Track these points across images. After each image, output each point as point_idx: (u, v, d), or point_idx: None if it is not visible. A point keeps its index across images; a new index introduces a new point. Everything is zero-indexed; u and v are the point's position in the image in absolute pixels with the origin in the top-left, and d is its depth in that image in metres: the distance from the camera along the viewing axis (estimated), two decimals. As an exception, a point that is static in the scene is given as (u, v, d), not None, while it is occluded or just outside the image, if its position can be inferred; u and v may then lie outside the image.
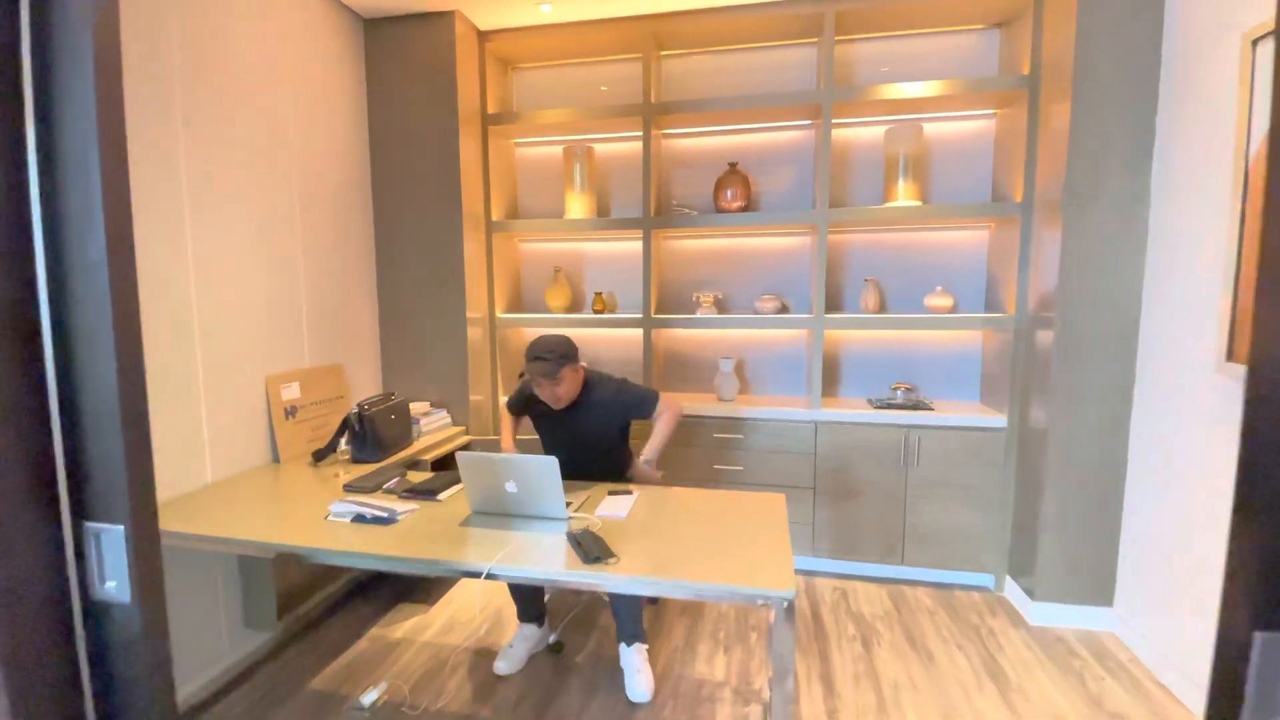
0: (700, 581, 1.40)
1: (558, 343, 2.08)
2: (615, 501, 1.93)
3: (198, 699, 2.09)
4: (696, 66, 3.16)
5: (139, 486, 1.00)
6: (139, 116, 1.86)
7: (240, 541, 1.69)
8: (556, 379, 2.06)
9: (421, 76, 2.88)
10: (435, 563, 1.54)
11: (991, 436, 2.74)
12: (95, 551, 0.96)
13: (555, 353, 2.04)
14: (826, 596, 2.78)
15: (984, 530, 2.79)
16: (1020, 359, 2.69)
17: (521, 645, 2.24)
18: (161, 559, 1.04)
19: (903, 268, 3.07)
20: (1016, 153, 2.68)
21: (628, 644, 2.15)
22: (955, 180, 2.98)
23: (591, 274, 3.42)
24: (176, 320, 2.00)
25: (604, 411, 2.18)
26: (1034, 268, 2.61)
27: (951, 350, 3.07)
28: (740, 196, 3.00)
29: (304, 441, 2.52)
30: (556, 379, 2.06)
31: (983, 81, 2.63)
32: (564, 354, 2.07)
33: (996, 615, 2.63)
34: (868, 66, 2.99)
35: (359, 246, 2.93)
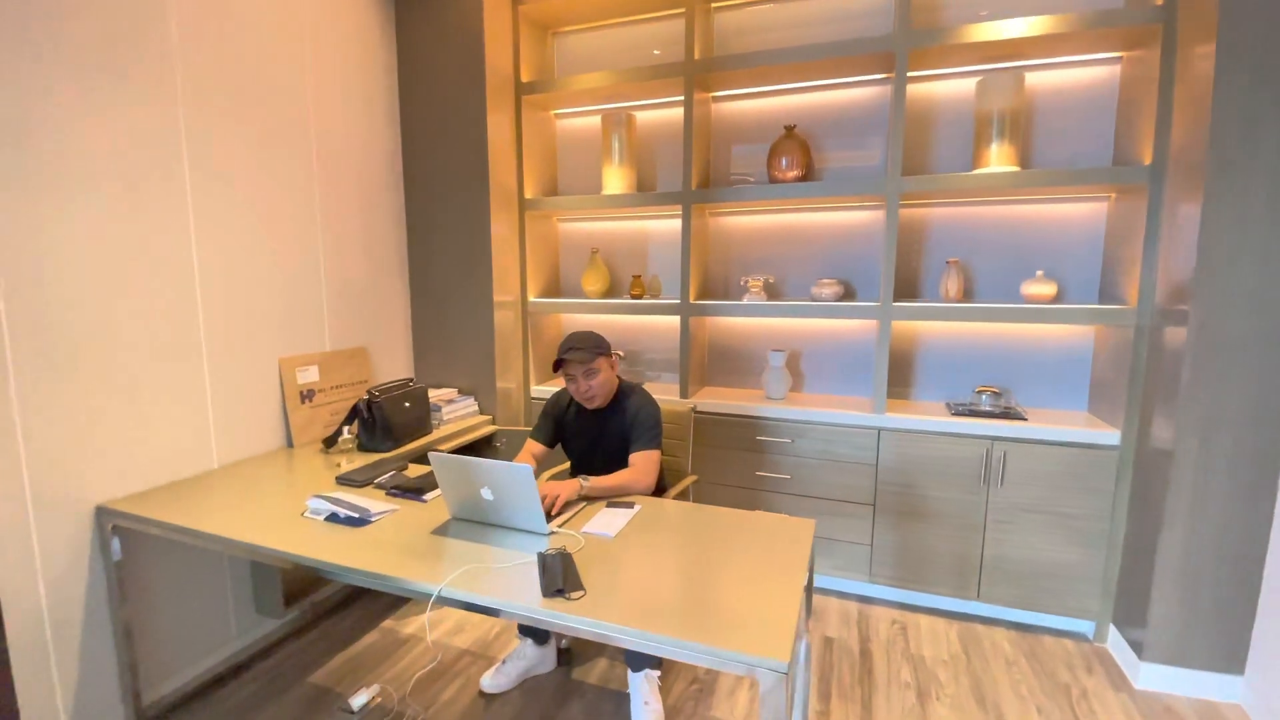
0: (672, 636, 1.13)
1: (589, 335, 2.00)
2: (611, 516, 1.67)
3: (198, 684, 2.07)
4: (751, 20, 2.78)
5: None
6: (129, 83, 1.78)
7: (204, 535, 1.59)
8: (593, 370, 1.95)
9: (451, 44, 2.71)
10: (384, 578, 1.36)
11: (1100, 456, 2.24)
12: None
13: (589, 343, 1.96)
14: (881, 630, 2.40)
15: (1083, 568, 2.30)
16: (1142, 363, 2.17)
17: (515, 665, 2.05)
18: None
19: (994, 248, 2.58)
20: (1147, 105, 2.13)
21: (635, 669, 1.91)
22: (1065, 141, 2.44)
23: (632, 255, 3.15)
24: (176, 299, 1.94)
25: (630, 420, 2.00)
26: (1164, 248, 2.07)
27: (1053, 349, 2.55)
28: (797, 165, 2.62)
29: (320, 427, 2.45)
30: (593, 370, 1.95)
31: (1105, 15, 2.10)
32: (598, 345, 1.97)
33: (1093, 672, 2.15)
34: (958, 7, 2.50)
35: (388, 225, 2.82)
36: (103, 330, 1.75)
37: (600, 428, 2.05)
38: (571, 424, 2.12)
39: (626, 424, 1.99)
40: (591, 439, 2.07)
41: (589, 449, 2.08)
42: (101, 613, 1.78)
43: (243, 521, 1.65)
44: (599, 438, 2.05)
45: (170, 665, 2.00)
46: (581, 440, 2.10)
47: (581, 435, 2.09)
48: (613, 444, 2.02)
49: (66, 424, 1.67)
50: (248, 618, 2.25)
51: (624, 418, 2.00)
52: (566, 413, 2.13)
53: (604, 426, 2.04)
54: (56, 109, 1.62)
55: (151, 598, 1.93)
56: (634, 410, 1.99)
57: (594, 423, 2.06)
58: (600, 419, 2.05)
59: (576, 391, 1.99)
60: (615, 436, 2.02)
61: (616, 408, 2.04)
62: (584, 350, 1.93)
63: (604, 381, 1.97)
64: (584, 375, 1.95)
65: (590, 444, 2.07)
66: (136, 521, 1.69)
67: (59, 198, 1.63)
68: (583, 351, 1.93)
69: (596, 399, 1.99)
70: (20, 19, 1.53)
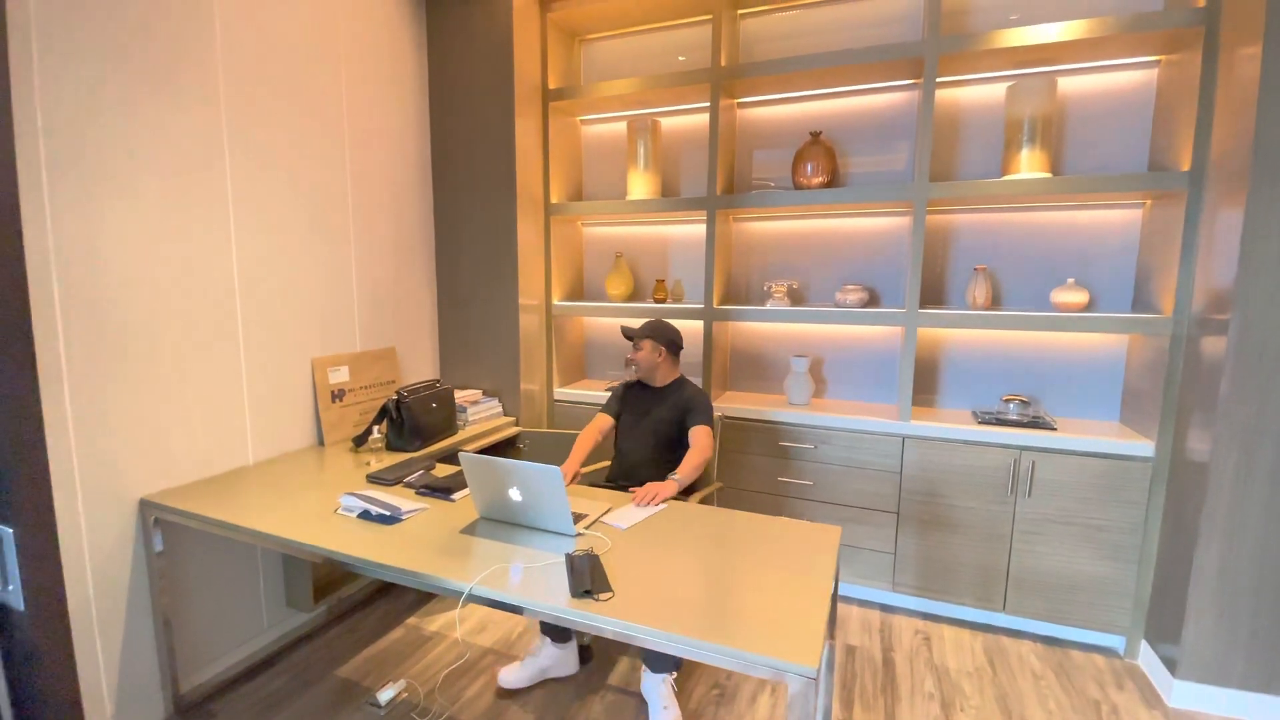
0: (700, 639, 1.14)
1: (655, 322, 2.34)
2: (632, 511, 1.69)
3: (230, 675, 2.12)
4: (778, 26, 2.79)
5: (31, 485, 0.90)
6: (177, 96, 1.85)
7: (241, 529, 1.64)
8: (638, 346, 2.31)
9: (480, 51, 2.76)
10: (416, 575, 1.39)
11: (1132, 468, 2.20)
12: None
13: (647, 328, 2.32)
14: (905, 640, 2.38)
15: (1114, 582, 2.25)
16: (1178, 373, 2.13)
17: (533, 663, 2.07)
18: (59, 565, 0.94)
19: (1024, 255, 2.55)
20: (1186, 110, 2.09)
21: (653, 671, 1.92)
22: (1099, 147, 2.40)
23: (656, 260, 3.17)
24: (218, 302, 2.01)
25: (675, 405, 2.30)
26: (1203, 256, 2.03)
27: (1085, 358, 2.51)
28: (823, 171, 2.61)
29: (350, 425, 2.50)
30: (638, 346, 2.31)
31: (1142, 19, 2.07)
32: (651, 331, 2.31)
33: (1124, 689, 2.11)
34: (988, 12, 2.48)
35: (417, 228, 2.87)
36: (147, 329, 1.81)
37: (650, 405, 2.35)
38: (630, 398, 2.41)
39: (681, 408, 2.28)
40: (641, 412, 2.35)
41: (636, 421, 2.35)
42: (143, 602, 1.84)
43: (279, 517, 1.70)
44: (648, 412, 2.34)
45: (206, 655, 2.06)
46: (634, 413, 2.37)
47: (635, 408, 2.38)
48: (659, 421, 2.31)
49: (113, 419, 1.74)
50: (278, 611, 2.30)
51: (677, 402, 2.30)
52: (630, 389, 2.43)
53: (654, 404, 2.34)
54: (108, 111, 1.69)
55: (188, 589, 1.99)
56: (689, 396, 2.31)
57: (647, 400, 2.36)
58: (652, 398, 2.35)
59: (631, 359, 2.35)
60: (663, 415, 2.30)
61: (670, 393, 2.33)
62: (638, 330, 2.33)
63: (643, 359, 2.30)
64: (633, 349, 2.33)
65: (639, 416, 2.35)
66: (178, 515, 1.75)
67: (109, 199, 1.70)
68: (636, 330, 2.34)
69: (639, 371, 2.34)
70: (74, 25, 1.60)
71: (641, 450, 2.31)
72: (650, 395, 2.37)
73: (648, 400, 2.37)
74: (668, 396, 2.33)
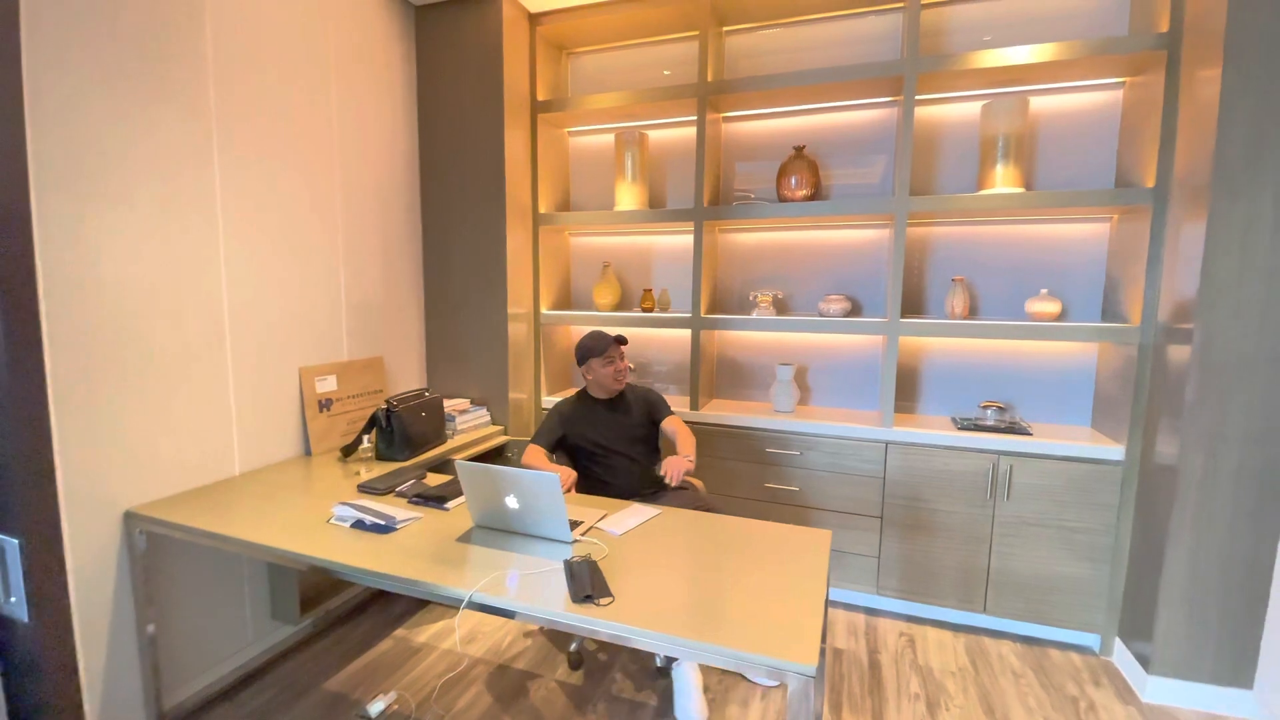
0: (704, 641, 1.16)
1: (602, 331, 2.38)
2: (625, 516, 1.72)
3: (216, 689, 2.09)
4: (762, 43, 2.86)
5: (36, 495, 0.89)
6: (165, 105, 1.84)
7: (233, 540, 1.62)
8: (621, 354, 2.37)
9: (470, 63, 2.78)
10: (416, 583, 1.39)
11: (1104, 471, 2.28)
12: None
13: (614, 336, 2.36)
14: (890, 642, 2.43)
15: (1089, 582, 2.33)
16: (1145, 380, 2.22)
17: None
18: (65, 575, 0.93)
19: (999, 267, 2.64)
20: (1150, 129, 2.20)
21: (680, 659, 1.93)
22: (1069, 164, 2.51)
23: (643, 270, 3.21)
24: (204, 311, 1.99)
25: (638, 405, 2.40)
26: (1168, 268, 2.13)
27: (1058, 366, 2.60)
28: (806, 184, 2.68)
29: (338, 435, 2.49)
30: (621, 354, 2.37)
31: (1108, 43, 2.18)
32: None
33: (1100, 685, 2.18)
34: (965, 33, 2.58)
35: (405, 238, 2.88)
36: (133, 338, 1.79)
37: (617, 416, 2.37)
38: (586, 417, 2.37)
39: (645, 407, 2.39)
40: (614, 424, 2.35)
41: (613, 434, 2.34)
42: (127, 616, 1.80)
43: (271, 528, 1.68)
44: (621, 424, 2.36)
45: (190, 670, 2.02)
46: (603, 428, 2.35)
47: (601, 424, 2.35)
48: (634, 427, 2.37)
49: (98, 429, 1.70)
50: (264, 624, 2.27)
51: (638, 404, 2.40)
52: (576, 411, 2.38)
53: (621, 414, 2.37)
54: (97, 121, 1.67)
55: (172, 603, 1.96)
56: (642, 395, 2.42)
57: (611, 412, 2.37)
58: (614, 409, 2.37)
59: (614, 371, 2.31)
60: (635, 421, 2.37)
61: (627, 397, 2.42)
62: (626, 342, 2.37)
63: (625, 366, 2.38)
64: (623, 363, 2.35)
65: (614, 428, 2.35)
66: (165, 527, 1.72)
67: (97, 209, 1.68)
68: (625, 344, 2.37)
69: (625, 382, 2.37)
70: (63, 32, 1.59)
71: (632, 465, 2.34)
72: (609, 407, 2.38)
73: (610, 413, 2.37)
74: (626, 401, 2.40)
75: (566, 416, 2.37)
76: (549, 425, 2.36)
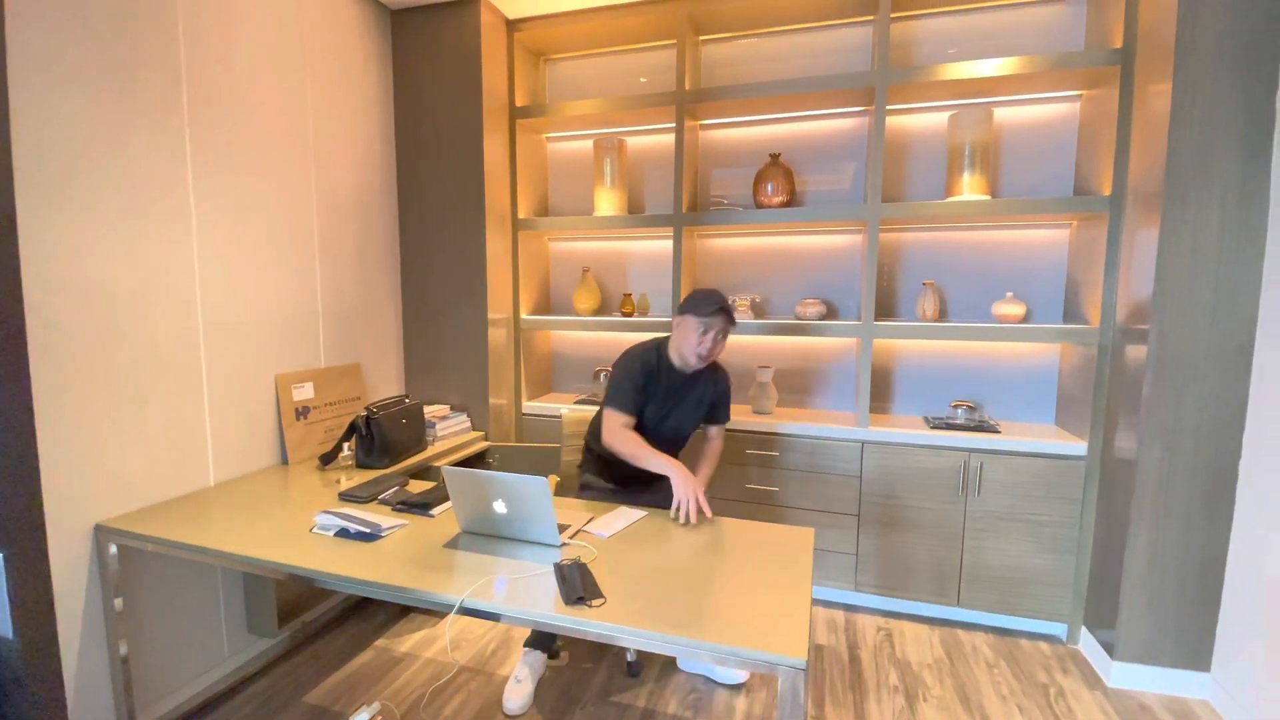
0: (694, 638, 1.19)
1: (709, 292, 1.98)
2: (612, 519, 1.74)
3: (193, 705, 2.03)
4: (738, 52, 2.92)
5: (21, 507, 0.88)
6: (136, 107, 1.80)
7: (211, 551, 1.59)
8: (723, 337, 2.00)
9: (447, 68, 2.78)
10: (405, 590, 1.39)
11: (1068, 466, 2.38)
12: (-19, 578, 0.84)
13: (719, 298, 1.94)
14: (869, 637, 2.49)
15: (1056, 573, 2.43)
16: (1105, 378, 2.33)
17: (531, 678, 2.07)
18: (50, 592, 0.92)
19: (967, 271, 2.74)
20: (1105, 140, 2.31)
21: None
22: (1031, 172, 2.62)
23: (623, 274, 3.23)
24: (177, 317, 1.95)
25: (708, 394, 2.11)
26: (1124, 272, 2.24)
27: (1023, 366, 2.71)
28: (782, 191, 2.74)
29: (315, 443, 2.45)
30: (723, 337, 2.00)
31: (1066, 57, 2.28)
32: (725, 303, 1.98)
33: (1068, 672, 2.27)
34: (932, 45, 2.68)
35: (382, 244, 2.85)
36: (104, 345, 1.74)
37: (686, 391, 2.07)
38: (662, 384, 2.04)
39: (714, 397, 2.09)
40: (670, 403, 2.06)
41: (662, 414, 2.07)
42: (98, 633, 1.75)
43: (252, 538, 1.65)
44: (679, 403, 2.08)
45: (164, 687, 1.97)
46: (666, 401, 2.06)
47: (669, 397, 2.06)
48: (691, 409, 2.07)
49: (68, 439, 1.66)
50: (240, 638, 2.22)
51: (712, 388, 2.10)
52: (659, 372, 2.04)
53: (686, 392, 2.07)
54: (66, 123, 1.63)
55: (145, 618, 1.91)
56: (724, 385, 2.12)
57: (675, 387, 2.07)
58: (684, 384, 2.08)
59: (697, 347, 1.95)
60: (695, 402, 2.09)
61: (704, 377, 2.10)
62: (729, 314, 1.93)
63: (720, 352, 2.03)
64: (717, 339, 1.97)
65: (672, 407, 2.06)
66: (140, 540, 1.68)
67: (66, 213, 1.64)
68: (728, 316, 1.94)
69: (709, 362, 2.03)
70: (32, 35, 1.55)
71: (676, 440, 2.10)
72: (681, 381, 2.05)
73: (676, 388, 2.04)
74: (701, 381, 2.08)
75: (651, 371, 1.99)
76: (632, 381, 1.98)
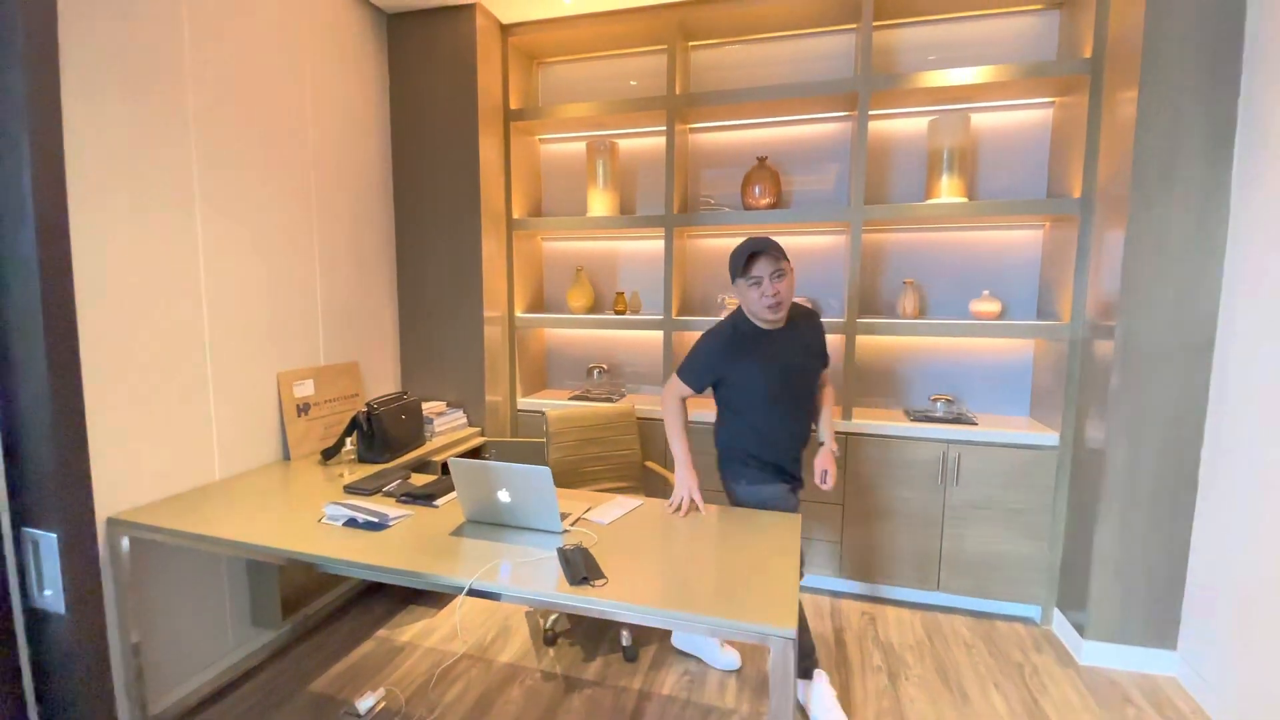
0: (691, 613, 1.28)
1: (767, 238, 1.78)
2: (611, 508, 1.82)
3: (200, 696, 2.09)
4: (726, 58, 3.01)
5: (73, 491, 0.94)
6: (145, 113, 1.85)
7: (225, 541, 1.65)
8: (781, 271, 1.73)
9: (443, 72, 2.84)
10: (416, 575, 1.46)
11: (1041, 456, 2.50)
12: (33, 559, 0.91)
13: (774, 243, 1.74)
14: (853, 622, 2.60)
15: (1031, 558, 2.55)
16: (1076, 372, 2.45)
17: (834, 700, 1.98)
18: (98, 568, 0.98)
19: (945, 270, 2.85)
20: (1076, 145, 2.43)
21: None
22: (1007, 175, 2.74)
23: (615, 274, 3.31)
24: (184, 318, 2.00)
25: (810, 341, 1.90)
26: (1093, 271, 2.36)
27: (999, 361, 2.83)
28: (769, 193, 2.84)
29: (316, 439, 2.50)
30: (781, 271, 1.73)
31: (1037, 66, 2.40)
32: (780, 245, 1.76)
33: (1042, 652, 2.39)
34: (913, 53, 2.78)
35: (378, 244, 2.91)
36: (113, 344, 1.79)
37: (789, 343, 1.84)
38: (747, 351, 1.83)
39: (817, 345, 1.91)
40: (784, 359, 1.82)
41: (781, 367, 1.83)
42: (111, 624, 1.80)
43: (265, 530, 1.71)
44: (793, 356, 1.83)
45: (172, 678, 2.02)
46: (772, 361, 1.82)
47: (772, 357, 1.82)
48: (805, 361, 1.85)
49: (82, 437, 1.71)
50: (245, 630, 2.27)
51: (807, 337, 1.89)
52: (741, 340, 1.84)
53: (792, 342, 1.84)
54: (79, 125, 1.68)
55: (153, 611, 1.96)
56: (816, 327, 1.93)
57: (766, 349, 1.82)
58: (785, 335, 1.84)
59: (759, 298, 1.75)
60: (804, 349, 1.87)
61: (794, 329, 1.88)
62: (771, 251, 1.72)
63: (790, 287, 1.76)
64: (773, 277, 1.73)
65: (784, 364, 1.83)
66: (153, 532, 1.73)
67: (77, 214, 1.68)
68: (770, 254, 1.72)
69: (783, 305, 1.76)
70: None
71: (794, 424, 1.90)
72: (779, 335, 1.83)
73: (776, 346, 1.82)
74: (800, 328, 1.87)
75: (728, 346, 1.83)
76: (706, 358, 1.86)
